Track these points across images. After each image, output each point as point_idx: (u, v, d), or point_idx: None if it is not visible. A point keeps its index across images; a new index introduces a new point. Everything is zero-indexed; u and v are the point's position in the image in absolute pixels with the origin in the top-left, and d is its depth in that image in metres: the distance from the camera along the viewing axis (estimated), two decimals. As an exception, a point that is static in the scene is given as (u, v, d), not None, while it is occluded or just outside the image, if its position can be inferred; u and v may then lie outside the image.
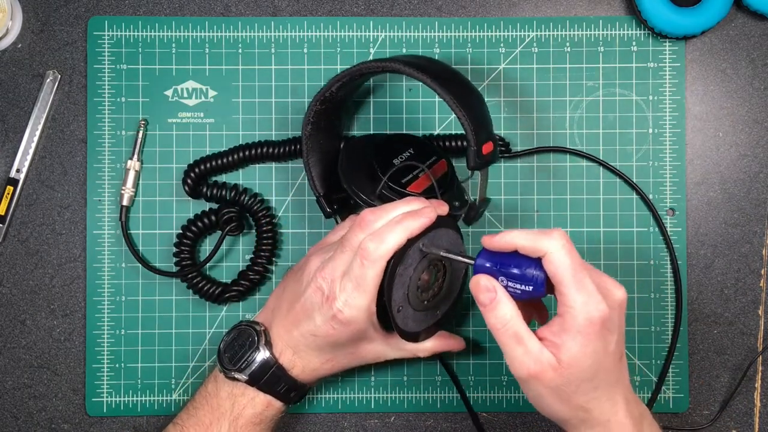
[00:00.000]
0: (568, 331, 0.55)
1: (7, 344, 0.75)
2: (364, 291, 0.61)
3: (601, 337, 0.55)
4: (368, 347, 0.66)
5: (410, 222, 0.61)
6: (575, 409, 0.57)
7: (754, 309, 0.75)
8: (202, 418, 0.64)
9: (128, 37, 0.76)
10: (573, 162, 0.76)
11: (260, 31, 0.76)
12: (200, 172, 0.73)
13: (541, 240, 0.56)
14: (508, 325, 0.56)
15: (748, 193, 0.76)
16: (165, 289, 0.75)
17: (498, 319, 0.57)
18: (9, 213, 0.75)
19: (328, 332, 0.62)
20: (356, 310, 0.61)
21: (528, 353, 0.56)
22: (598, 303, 0.55)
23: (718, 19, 0.73)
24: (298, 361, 0.65)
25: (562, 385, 0.56)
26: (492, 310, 0.57)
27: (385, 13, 0.76)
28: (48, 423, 0.75)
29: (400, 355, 0.68)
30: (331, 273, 0.62)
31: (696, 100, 0.76)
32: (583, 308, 0.55)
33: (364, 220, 0.62)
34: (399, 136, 0.73)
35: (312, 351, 0.64)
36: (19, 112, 0.75)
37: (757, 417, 0.75)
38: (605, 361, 0.56)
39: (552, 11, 0.76)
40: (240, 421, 0.64)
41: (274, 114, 0.76)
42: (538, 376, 0.56)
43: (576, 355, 0.55)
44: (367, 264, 0.60)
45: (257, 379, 0.64)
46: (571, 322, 0.55)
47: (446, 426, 0.75)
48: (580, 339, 0.55)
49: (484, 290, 0.57)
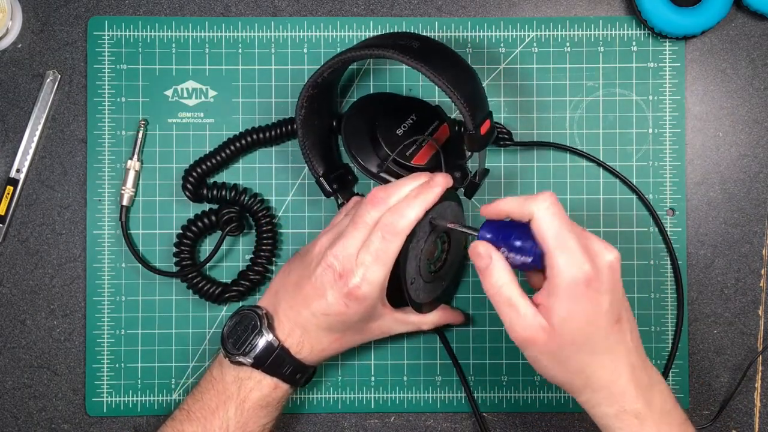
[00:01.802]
0: (555, 293, 0.55)
1: (7, 344, 0.75)
2: (383, 265, 0.61)
3: (588, 298, 0.55)
4: (376, 323, 0.67)
5: (427, 195, 0.62)
6: (574, 373, 0.57)
7: (754, 309, 0.75)
8: (208, 402, 0.64)
9: (128, 37, 0.76)
10: (573, 162, 0.76)
11: (260, 31, 0.76)
12: (199, 174, 0.73)
13: (528, 203, 0.57)
14: (502, 290, 0.57)
15: (748, 193, 0.76)
16: (165, 289, 0.75)
17: (492, 285, 0.57)
18: (9, 213, 0.75)
19: (340, 310, 0.62)
20: (373, 285, 0.61)
21: (521, 318, 0.56)
22: (581, 263, 0.55)
23: (718, 19, 0.73)
24: (306, 342, 0.64)
25: (556, 349, 0.56)
26: (487, 276, 0.58)
27: (385, 13, 0.76)
28: (48, 423, 0.75)
29: (405, 329, 0.69)
30: (343, 250, 0.62)
31: (696, 100, 0.76)
32: (565, 269, 0.55)
33: (376, 197, 0.63)
34: (399, 101, 0.73)
35: (322, 331, 0.64)
36: (19, 112, 0.75)
37: (757, 417, 0.75)
38: (598, 323, 0.56)
39: (552, 11, 0.76)
40: (247, 404, 0.64)
41: (274, 114, 0.76)
42: (532, 340, 0.56)
43: (564, 317, 0.55)
44: (390, 238, 0.61)
45: (262, 362, 0.64)
46: (556, 284, 0.55)
47: (446, 426, 0.75)
48: (566, 300, 0.55)
49: (479, 256, 0.58)
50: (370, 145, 0.70)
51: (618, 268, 0.57)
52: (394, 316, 0.67)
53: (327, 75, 0.67)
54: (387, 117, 0.71)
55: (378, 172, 0.70)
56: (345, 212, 0.69)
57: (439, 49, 0.65)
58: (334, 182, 0.72)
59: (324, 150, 0.72)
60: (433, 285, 0.68)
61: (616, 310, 0.57)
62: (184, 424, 0.64)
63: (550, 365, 0.58)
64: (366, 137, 0.71)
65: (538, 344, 0.56)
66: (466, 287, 0.75)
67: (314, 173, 0.71)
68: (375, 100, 0.73)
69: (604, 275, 0.56)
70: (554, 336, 0.56)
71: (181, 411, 0.65)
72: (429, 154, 0.70)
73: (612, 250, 0.57)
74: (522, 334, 0.56)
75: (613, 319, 0.57)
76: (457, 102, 0.62)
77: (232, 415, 0.63)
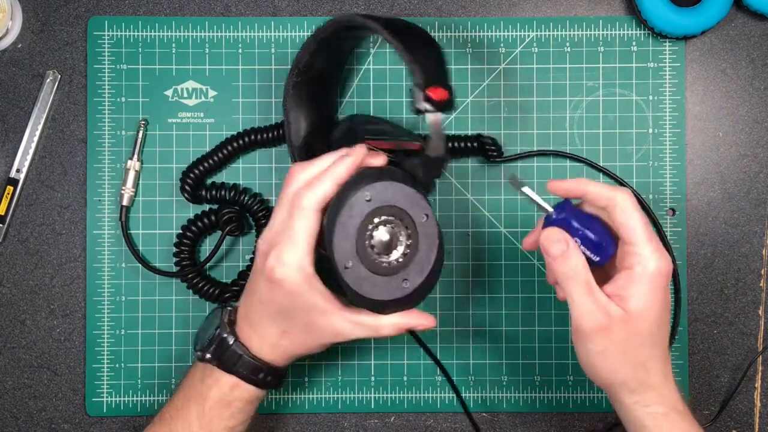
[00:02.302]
0: (637, 282, 0.56)
1: (7, 344, 0.75)
2: (293, 244, 0.58)
3: (665, 290, 0.57)
4: (322, 320, 0.61)
5: (337, 167, 0.59)
6: (636, 367, 0.57)
7: (754, 309, 0.75)
8: (176, 402, 0.64)
9: (128, 37, 0.76)
10: (573, 163, 0.75)
11: (260, 31, 0.76)
12: (196, 176, 0.73)
13: (615, 191, 0.57)
14: (580, 275, 0.56)
15: (748, 193, 0.76)
16: (165, 289, 0.75)
17: (570, 269, 0.56)
18: (9, 213, 0.75)
19: (269, 297, 0.60)
20: (287, 267, 0.58)
21: (598, 303, 0.56)
22: (665, 255, 0.56)
23: (718, 19, 0.73)
24: (254, 335, 0.63)
25: (630, 337, 0.56)
26: (564, 260, 0.56)
27: (385, 13, 0.76)
28: (48, 423, 0.75)
29: (361, 332, 0.62)
30: (269, 234, 0.60)
31: (696, 100, 0.76)
32: (653, 259, 0.56)
33: (291, 173, 0.61)
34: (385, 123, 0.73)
35: (264, 321, 0.62)
36: (19, 112, 0.75)
37: (757, 417, 0.75)
38: (665, 316, 0.58)
39: (552, 11, 0.76)
40: (208, 402, 0.63)
41: (273, 114, 0.76)
42: (607, 327, 0.56)
43: (645, 305, 0.56)
44: (296, 213, 0.58)
45: (219, 358, 0.63)
46: (641, 273, 0.56)
47: (446, 426, 0.75)
48: (648, 289, 0.56)
49: (556, 242, 0.57)
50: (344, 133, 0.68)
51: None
52: (343, 314, 0.61)
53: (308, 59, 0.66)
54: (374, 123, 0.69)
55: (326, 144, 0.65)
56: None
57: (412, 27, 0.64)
58: None
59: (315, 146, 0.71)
60: (389, 281, 0.59)
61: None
62: (156, 425, 0.64)
63: (617, 357, 0.57)
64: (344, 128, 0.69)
65: (612, 332, 0.56)
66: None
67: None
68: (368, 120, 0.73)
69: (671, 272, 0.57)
70: (629, 324, 0.56)
71: (159, 412, 0.65)
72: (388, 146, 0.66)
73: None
74: (598, 320, 0.56)
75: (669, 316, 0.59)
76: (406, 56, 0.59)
77: (195, 415, 0.63)
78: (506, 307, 0.75)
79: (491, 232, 0.76)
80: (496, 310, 0.75)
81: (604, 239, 0.58)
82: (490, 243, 0.75)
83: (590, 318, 0.56)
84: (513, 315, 0.75)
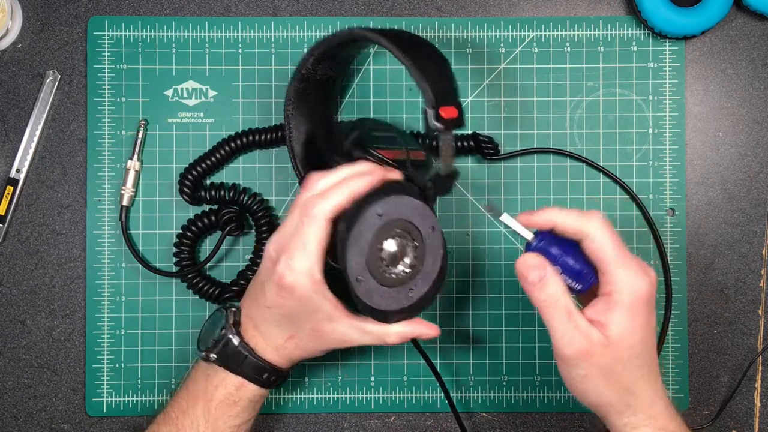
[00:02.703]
0: (615, 307, 0.55)
1: (7, 344, 0.75)
2: (304, 251, 0.58)
3: (646, 312, 0.56)
4: (329, 326, 0.62)
5: (355, 181, 0.60)
6: (622, 391, 0.57)
7: (754, 309, 0.75)
8: (180, 402, 0.64)
9: (128, 37, 0.76)
10: (573, 162, 0.76)
11: (260, 31, 0.76)
12: (195, 177, 0.73)
13: (582, 220, 0.56)
14: (559, 302, 0.56)
15: (748, 193, 0.76)
16: (165, 289, 0.75)
17: (549, 296, 0.56)
18: (9, 213, 0.75)
19: (277, 302, 0.61)
20: (297, 273, 0.59)
21: (578, 329, 0.55)
22: (642, 279, 0.56)
23: (718, 19, 0.73)
24: (260, 338, 0.64)
25: (612, 362, 0.56)
26: (542, 288, 0.56)
27: (385, 13, 0.76)
28: (48, 423, 0.75)
29: (367, 339, 0.63)
30: (278, 237, 0.61)
31: (696, 100, 0.76)
32: (629, 283, 0.55)
33: (309, 180, 0.61)
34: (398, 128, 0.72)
35: (270, 325, 0.63)
36: (19, 112, 0.75)
37: (757, 417, 0.75)
38: (649, 338, 0.57)
39: (552, 11, 0.76)
40: (213, 402, 0.63)
41: (273, 114, 0.76)
42: (588, 352, 0.55)
43: (625, 330, 0.55)
44: (307, 221, 0.58)
45: (225, 359, 0.63)
46: (618, 299, 0.55)
47: (446, 426, 0.75)
48: (627, 314, 0.55)
49: (533, 268, 0.56)
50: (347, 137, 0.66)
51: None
52: (350, 322, 0.62)
53: (311, 66, 0.66)
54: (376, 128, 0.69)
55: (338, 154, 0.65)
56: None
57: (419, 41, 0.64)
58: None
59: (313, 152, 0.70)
60: (396, 292, 0.61)
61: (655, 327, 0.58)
62: (160, 425, 0.64)
63: (602, 382, 0.56)
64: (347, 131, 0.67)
65: (594, 357, 0.55)
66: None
67: (298, 174, 0.70)
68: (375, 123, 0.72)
69: (654, 291, 0.57)
70: (611, 349, 0.55)
71: (162, 413, 0.65)
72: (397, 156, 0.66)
73: (651, 267, 0.58)
74: (579, 346, 0.55)
75: (655, 335, 0.58)
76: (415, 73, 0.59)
77: (201, 414, 0.63)
78: (506, 307, 0.75)
79: (491, 232, 0.76)
80: (496, 310, 0.75)
81: (585, 267, 0.57)
82: (490, 243, 0.75)
83: (571, 344, 0.55)
84: (513, 315, 0.75)
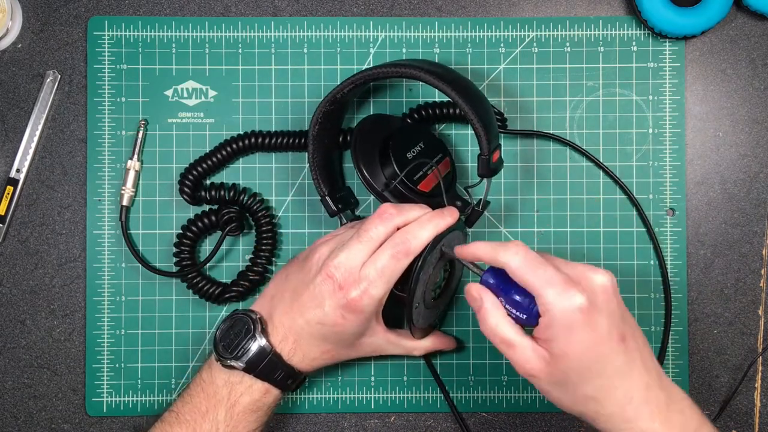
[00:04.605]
0: (551, 325, 0.56)
1: (7, 344, 0.75)
2: (386, 282, 0.62)
3: (585, 324, 0.56)
4: (368, 340, 0.67)
5: (439, 221, 0.64)
6: (585, 401, 0.57)
7: (754, 309, 0.75)
8: (198, 405, 0.64)
9: (128, 37, 0.76)
10: (573, 162, 0.76)
11: (260, 31, 0.76)
12: (195, 177, 0.73)
13: (498, 252, 0.58)
14: (496, 332, 0.58)
15: (748, 193, 0.76)
16: (165, 289, 0.75)
17: (487, 327, 0.59)
18: (9, 213, 0.75)
19: (336, 321, 0.63)
20: (372, 300, 0.62)
21: (519, 353, 0.58)
22: (570, 293, 0.56)
23: (718, 19, 0.73)
24: (298, 350, 0.65)
25: (562, 378, 0.57)
26: (482, 319, 0.59)
27: (385, 13, 0.76)
28: (48, 423, 0.75)
29: (397, 351, 0.69)
30: (346, 261, 0.62)
31: (696, 100, 0.76)
32: (556, 301, 0.56)
33: (386, 212, 0.64)
34: (410, 126, 0.73)
35: (315, 340, 0.65)
36: (19, 112, 0.75)
37: (757, 417, 0.75)
38: (600, 347, 0.56)
39: (552, 11, 0.76)
40: (237, 408, 0.64)
41: (274, 114, 0.76)
42: (534, 373, 0.57)
43: (563, 346, 0.56)
44: (400, 257, 0.62)
45: (254, 367, 0.64)
46: (551, 318, 0.56)
47: (446, 426, 0.75)
48: (564, 331, 0.56)
49: (473, 299, 0.60)
50: (378, 162, 0.70)
51: (612, 289, 0.57)
52: (387, 337, 0.68)
53: (347, 92, 0.67)
54: (399, 139, 0.70)
55: (382, 190, 0.69)
56: (345, 228, 0.68)
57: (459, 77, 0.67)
58: (338, 202, 0.71)
59: (329, 168, 0.72)
60: (431, 311, 0.69)
61: (618, 331, 0.57)
62: (173, 426, 0.64)
63: (562, 396, 0.58)
64: (375, 154, 0.70)
65: (541, 376, 0.57)
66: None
67: (320, 191, 0.71)
68: (384, 120, 0.73)
69: (598, 298, 0.56)
70: (557, 366, 0.56)
71: (170, 413, 0.65)
72: (432, 183, 0.70)
73: (603, 272, 0.57)
74: (524, 367, 0.58)
75: (616, 339, 0.57)
76: (477, 126, 0.64)
77: (222, 419, 0.63)
78: (506, 307, 0.75)
79: (491, 232, 0.76)
80: (496, 310, 0.75)
81: (526, 297, 0.58)
82: (490, 243, 0.75)
83: (517, 367, 0.58)
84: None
